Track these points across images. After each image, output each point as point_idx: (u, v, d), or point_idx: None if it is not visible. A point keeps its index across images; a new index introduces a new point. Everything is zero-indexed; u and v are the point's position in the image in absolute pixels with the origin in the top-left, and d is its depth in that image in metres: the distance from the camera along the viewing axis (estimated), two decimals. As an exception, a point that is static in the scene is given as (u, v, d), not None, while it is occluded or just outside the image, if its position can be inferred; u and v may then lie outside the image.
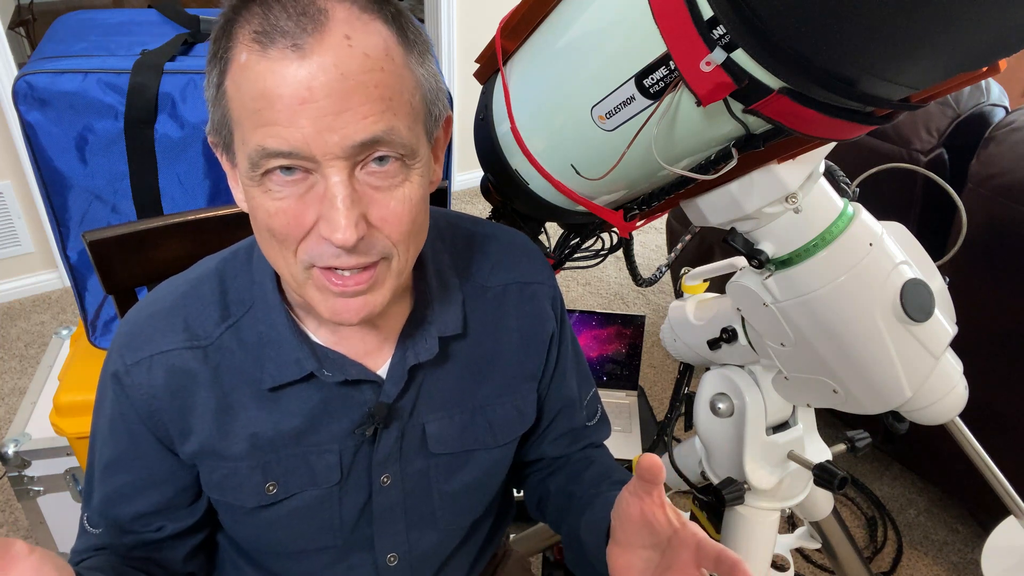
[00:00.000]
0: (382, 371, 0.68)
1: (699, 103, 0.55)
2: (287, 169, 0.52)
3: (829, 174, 0.72)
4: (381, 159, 0.53)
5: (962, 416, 0.80)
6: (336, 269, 0.56)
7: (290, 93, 0.49)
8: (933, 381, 0.72)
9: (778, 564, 1.41)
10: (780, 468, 0.87)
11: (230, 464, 0.67)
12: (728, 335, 0.84)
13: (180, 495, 0.70)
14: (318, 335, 0.66)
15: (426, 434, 0.71)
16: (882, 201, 1.43)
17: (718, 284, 0.81)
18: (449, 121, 0.63)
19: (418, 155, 0.56)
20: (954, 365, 0.75)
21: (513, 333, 0.74)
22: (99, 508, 0.70)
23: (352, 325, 0.58)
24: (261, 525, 0.70)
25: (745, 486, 0.87)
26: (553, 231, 0.90)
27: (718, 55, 0.52)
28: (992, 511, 1.43)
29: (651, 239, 2.75)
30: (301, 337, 0.65)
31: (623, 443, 1.71)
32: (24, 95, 1.12)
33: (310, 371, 0.65)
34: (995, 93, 1.35)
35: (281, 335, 0.65)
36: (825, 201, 0.68)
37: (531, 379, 0.76)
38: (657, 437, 1.07)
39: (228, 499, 0.68)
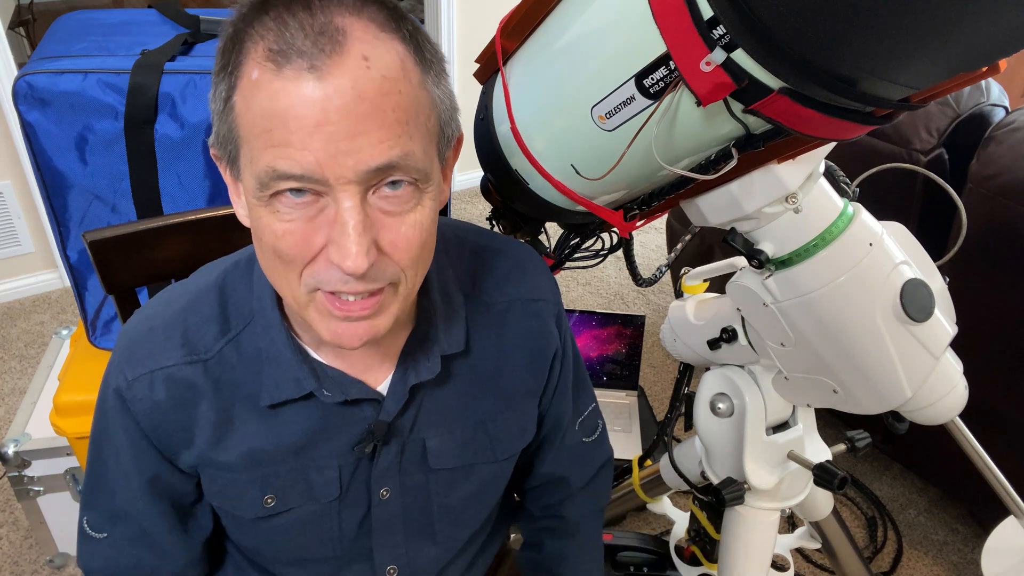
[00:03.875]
0: (382, 387, 0.67)
1: (699, 103, 0.55)
2: (297, 191, 0.50)
3: (829, 174, 0.72)
4: (394, 183, 0.51)
5: (962, 416, 0.80)
6: (341, 294, 0.54)
7: (305, 115, 0.47)
8: (933, 381, 0.72)
9: (778, 564, 1.41)
10: (780, 468, 0.87)
11: (228, 475, 0.67)
12: (728, 335, 0.84)
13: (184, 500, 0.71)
14: (319, 353, 0.65)
15: (427, 450, 0.70)
16: (882, 201, 1.43)
17: (718, 284, 0.81)
18: (460, 140, 0.61)
19: (431, 179, 0.54)
20: (954, 365, 0.75)
21: (516, 350, 0.73)
22: (107, 515, 0.70)
23: (354, 349, 0.57)
24: (261, 534, 0.70)
25: (745, 486, 0.87)
26: (553, 231, 0.90)
27: (718, 55, 0.52)
28: (992, 511, 1.43)
29: (651, 239, 2.75)
30: (300, 355, 0.64)
31: (623, 443, 1.71)
32: (24, 95, 1.12)
33: (309, 391, 0.64)
34: (995, 93, 1.35)
35: (280, 353, 0.64)
36: (825, 201, 0.68)
37: (533, 395, 0.76)
38: (657, 437, 1.07)
39: (228, 507, 0.68)
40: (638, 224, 0.79)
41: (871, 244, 0.67)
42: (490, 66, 0.79)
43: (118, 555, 0.71)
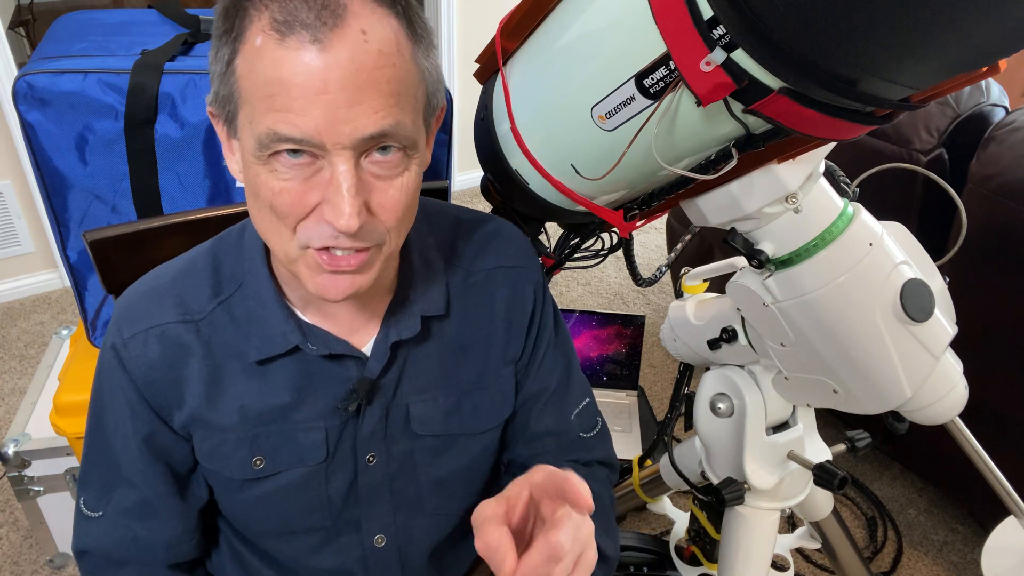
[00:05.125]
0: (366, 348, 0.70)
1: (699, 103, 0.55)
2: (294, 152, 0.53)
3: (829, 174, 0.72)
4: (385, 149, 0.55)
5: (962, 416, 0.80)
6: (331, 249, 0.57)
7: (306, 83, 0.50)
8: (933, 381, 0.72)
9: (778, 564, 1.41)
10: (780, 468, 0.87)
11: (219, 435, 0.69)
12: (728, 335, 0.84)
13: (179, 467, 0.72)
14: (305, 314, 0.68)
15: (410, 415, 0.73)
16: (882, 201, 1.43)
17: (718, 284, 0.81)
18: (443, 109, 0.65)
19: (418, 147, 0.58)
20: (954, 365, 0.75)
21: (497, 318, 0.76)
22: (103, 489, 0.73)
23: (336, 301, 0.60)
24: (250, 502, 0.72)
25: (745, 486, 0.87)
26: (553, 231, 0.90)
27: (718, 55, 0.52)
28: (992, 511, 1.43)
29: (651, 239, 2.75)
30: (287, 312, 0.67)
31: (623, 443, 1.71)
32: (24, 95, 1.12)
33: (295, 344, 0.67)
34: (995, 93, 1.35)
35: (268, 310, 0.67)
36: (825, 201, 0.68)
37: (512, 362, 0.78)
38: (657, 437, 1.07)
39: (217, 468, 0.70)
40: (638, 224, 0.79)
41: (871, 244, 0.67)
42: (490, 66, 0.79)
43: (112, 530, 0.73)
